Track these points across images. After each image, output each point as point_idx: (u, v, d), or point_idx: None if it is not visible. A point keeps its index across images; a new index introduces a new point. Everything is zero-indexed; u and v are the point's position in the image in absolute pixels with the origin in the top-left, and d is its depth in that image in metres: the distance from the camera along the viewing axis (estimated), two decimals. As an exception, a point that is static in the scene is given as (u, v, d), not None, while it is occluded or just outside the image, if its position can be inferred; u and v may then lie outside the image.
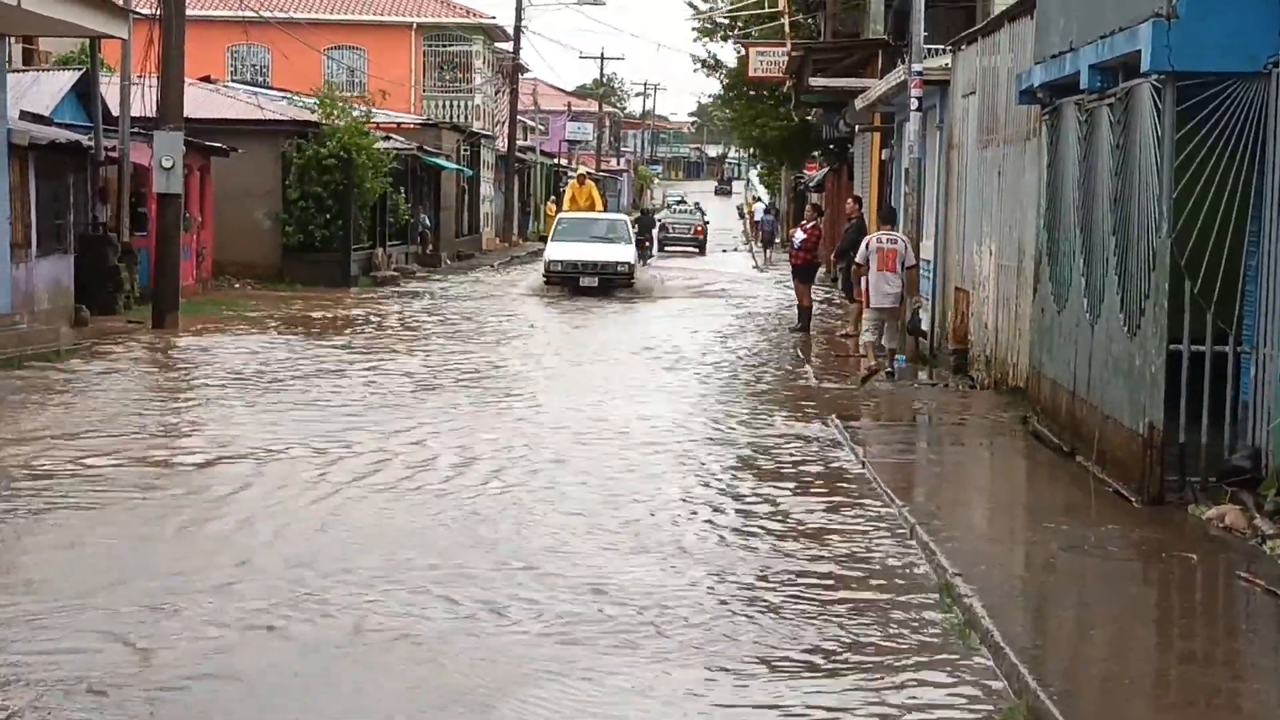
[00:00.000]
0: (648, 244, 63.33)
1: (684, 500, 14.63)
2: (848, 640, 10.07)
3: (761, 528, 13.48)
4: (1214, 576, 11.72)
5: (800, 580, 11.54)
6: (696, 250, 75.48)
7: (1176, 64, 13.12)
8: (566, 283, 41.88)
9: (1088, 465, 15.27)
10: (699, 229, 78.96)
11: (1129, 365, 14.06)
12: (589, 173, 56.60)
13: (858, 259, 24.37)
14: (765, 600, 11.00)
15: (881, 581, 11.55)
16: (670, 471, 16.05)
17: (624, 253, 43.63)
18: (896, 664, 9.63)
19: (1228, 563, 11.80)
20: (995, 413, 19.78)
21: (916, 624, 10.43)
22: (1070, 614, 10.71)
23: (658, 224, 73.64)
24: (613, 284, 41.96)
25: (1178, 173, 13.38)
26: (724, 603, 10.96)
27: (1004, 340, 21.28)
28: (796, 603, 10.91)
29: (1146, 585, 11.63)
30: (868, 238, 25.04)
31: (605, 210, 54.11)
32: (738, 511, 14.21)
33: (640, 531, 13.14)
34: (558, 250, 43.19)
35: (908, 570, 11.89)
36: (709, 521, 13.79)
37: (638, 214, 75.94)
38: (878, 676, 9.40)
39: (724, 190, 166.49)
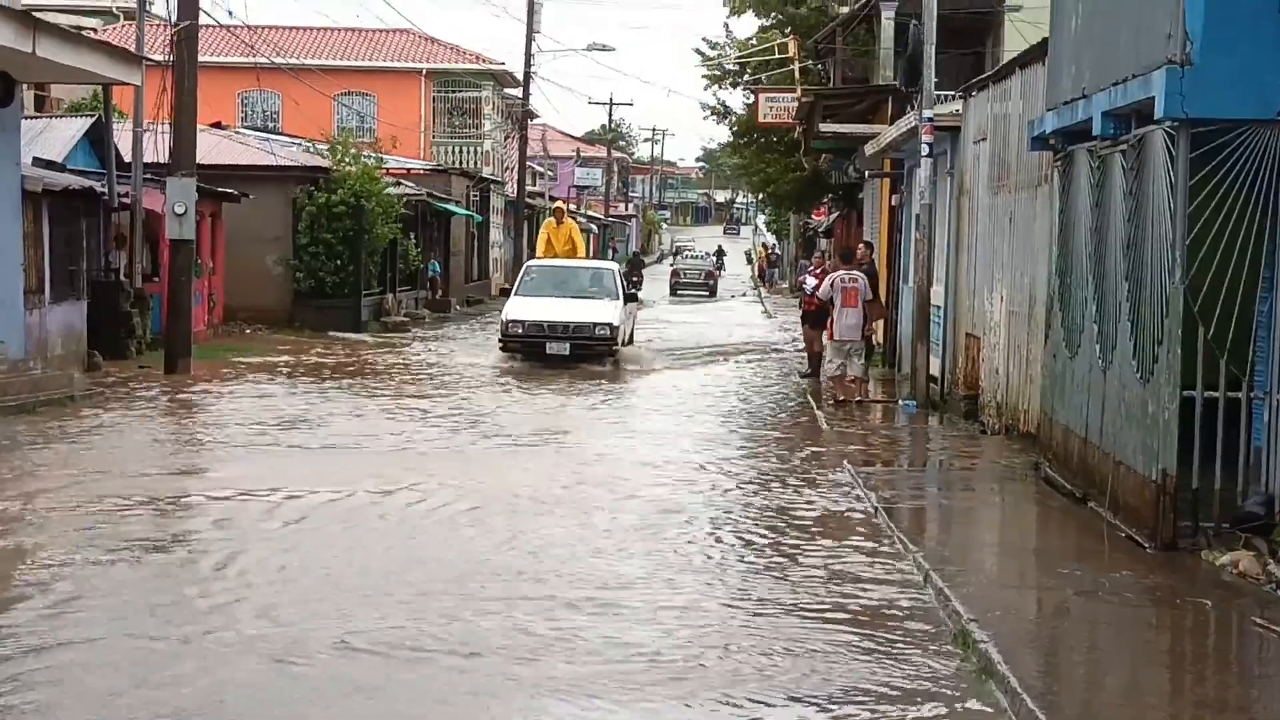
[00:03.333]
0: (636, 279, 69.74)
1: (694, 544, 14.67)
2: (863, 685, 10.06)
3: (773, 572, 13.48)
4: (1228, 622, 11.70)
5: (812, 625, 11.54)
6: (708, 294, 77.92)
7: (1190, 111, 13.16)
8: (528, 350, 33.47)
9: (1100, 511, 15.27)
10: (710, 273, 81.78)
11: (1142, 411, 14.08)
12: (568, 209, 44.11)
13: (820, 295, 28.57)
14: (774, 643, 11.02)
15: (896, 626, 11.55)
16: (682, 517, 16.03)
17: (606, 311, 34.28)
18: (912, 710, 9.62)
19: (1241, 609, 11.79)
20: (1007, 458, 19.79)
21: (931, 669, 10.43)
22: (1085, 659, 10.69)
23: (670, 269, 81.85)
24: (589, 352, 33.35)
25: (1191, 219, 13.41)
26: (727, 646, 10.98)
27: (1015, 386, 21.29)
28: (809, 649, 10.90)
29: (1160, 631, 11.62)
30: (830, 276, 28.15)
31: (590, 256, 44.91)
32: (750, 554, 14.23)
33: (656, 572, 13.19)
34: (520, 308, 34.42)
35: (922, 616, 11.89)
36: (721, 563, 13.88)
37: (628, 258, 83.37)
38: (894, 722, 9.43)
39: (732, 230, 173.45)
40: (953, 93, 27.22)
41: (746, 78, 57.25)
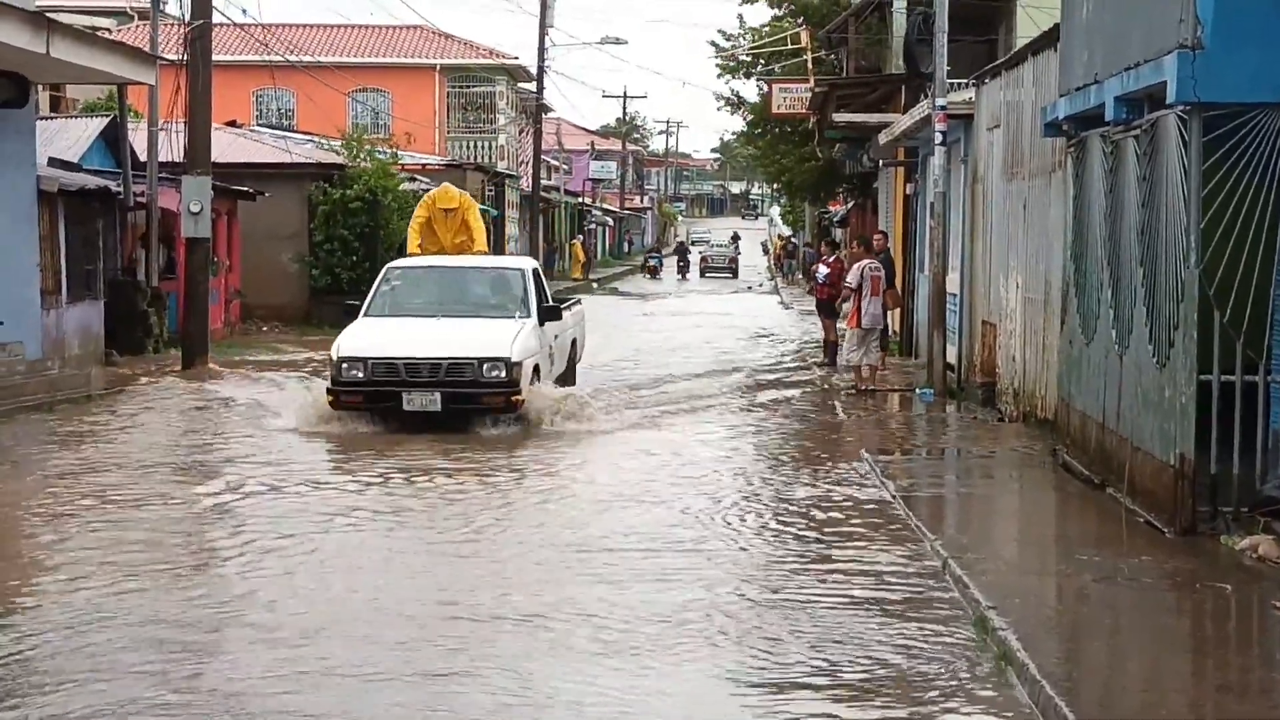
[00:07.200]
0: (684, 265, 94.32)
1: (715, 529, 14.77)
2: (882, 672, 10.08)
3: (792, 559, 13.51)
4: (1248, 607, 11.71)
5: (831, 612, 11.55)
6: (731, 275, 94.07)
7: (1202, 95, 13.14)
8: (375, 405, 21.55)
9: (1118, 496, 15.25)
10: (733, 259, 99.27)
11: (1159, 396, 14.06)
12: (455, 188, 29.04)
13: (849, 282, 27.55)
14: (794, 630, 11.05)
15: (915, 614, 11.54)
16: (702, 506, 16.05)
17: (500, 338, 22.04)
18: (931, 697, 9.63)
19: (1261, 593, 11.78)
20: (1024, 445, 19.77)
21: (951, 657, 10.43)
22: (1104, 645, 10.70)
23: (698, 254, 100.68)
24: (473, 405, 21.46)
25: (1205, 203, 13.39)
26: (746, 630, 11.07)
27: (1032, 373, 21.28)
28: (828, 634, 10.92)
29: (1180, 616, 11.61)
30: (859, 265, 27.51)
31: (489, 251, 30.79)
32: (769, 542, 14.26)
33: (675, 565, 13.21)
34: (362, 338, 22.38)
35: (941, 603, 11.88)
36: (742, 549, 14.00)
37: (676, 245, 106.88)
38: (913, 709, 9.42)
39: (750, 215, 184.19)
40: (965, 80, 27.18)
41: (760, 68, 57.28)
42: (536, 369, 22.38)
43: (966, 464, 19.28)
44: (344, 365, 21.60)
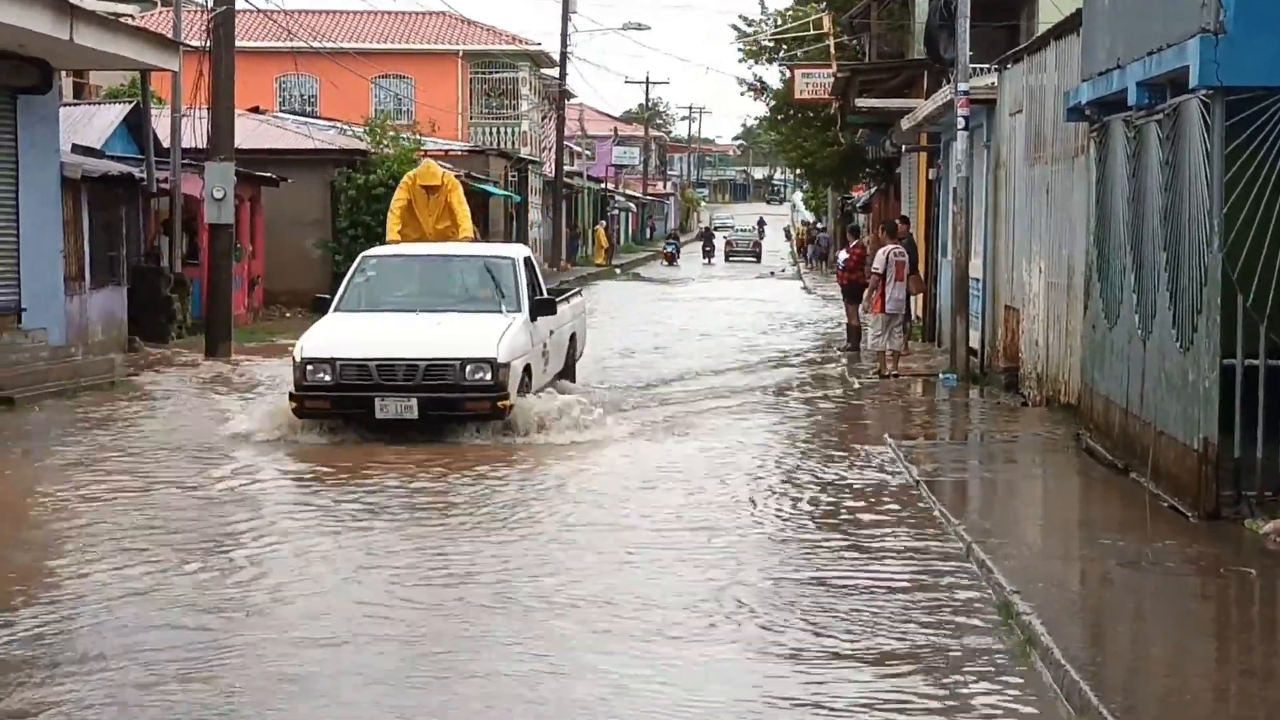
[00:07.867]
0: (709, 249, 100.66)
1: (740, 514, 14.79)
2: (906, 656, 10.08)
3: (815, 544, 13.51)
4: (1272, 591, 11.69)
5: (855, 596, 11.57)
6: (754, 259, 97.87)
7: (1225, 79, 13.10)
8: (344, 412, 19.45)
9: (1142, 481, 15.24)
10: (756, 243, 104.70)
11: (1182, 380, 14.04)
12: (439, 164, 27.01)
13: (876, 268, 27.44)
14: (817, 613, 11.07)
15: (939, 599, 11.55)
16: (726, 489, 16.08)
17: (486, 335, 19.86)
18: (955, 681, 9.63)
19: (1285, 577, 11.79)
20: (1048, 430, 19.75)
21: (974, 641, 10.43)
22: (1129, 630, 10.69)
23: (722, 240, 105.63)
24: (454, 411, 19.32)
25: (1228, 187, 13.36)
26: (769, 612, 11.11)
27: (1055, 357, 21.26)
28: (853, 618, 10.94)
29: (1204, 600, 11.58)
30: (884, 250, 27.66)
31: (480, 238, 29.82)
32: (792, 526, 14.28)
33: (697, 547, 13.23)
34: (331, 336, 20.12)
35: (964, 588, 11.87)
36: (765, 532, 14.02)
37: (701, 230, 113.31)
38: (937, 693, 9.42)
39: (775, 200, 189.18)
40: (988, 65, 27.13)
41: (782, 54, 57.28)
42: (528, 370, 20.34)
43: (990, 449, 19.26)
44: (309, 367, 19.33)
